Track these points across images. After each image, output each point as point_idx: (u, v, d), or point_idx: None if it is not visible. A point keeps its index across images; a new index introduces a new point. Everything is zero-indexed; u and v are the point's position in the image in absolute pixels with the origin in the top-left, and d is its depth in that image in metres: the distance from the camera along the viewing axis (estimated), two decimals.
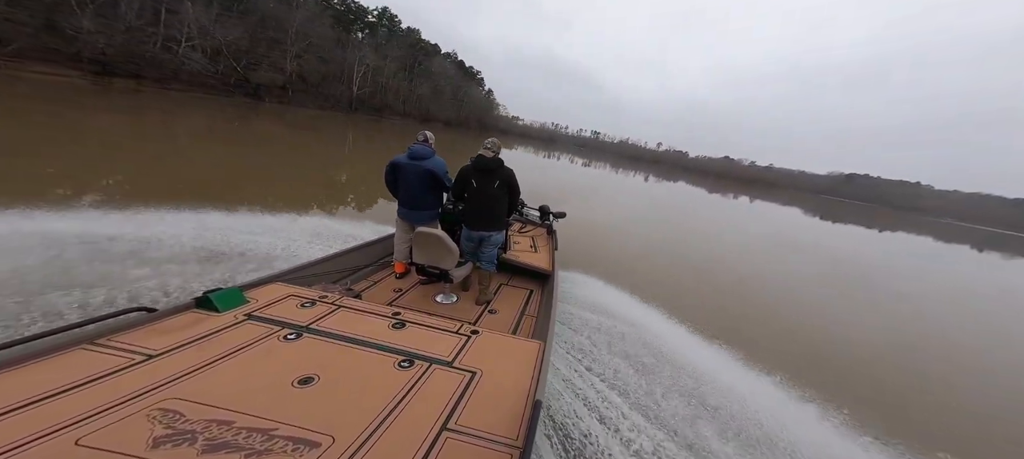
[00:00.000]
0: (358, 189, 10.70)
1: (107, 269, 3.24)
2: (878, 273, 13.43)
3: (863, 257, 17.00)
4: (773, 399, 3.59)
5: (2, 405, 1.24)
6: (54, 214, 4.11)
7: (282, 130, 20.38)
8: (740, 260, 11.02)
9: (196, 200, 5.42)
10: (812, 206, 54.83)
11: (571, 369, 3.15)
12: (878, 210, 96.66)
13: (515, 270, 4.15)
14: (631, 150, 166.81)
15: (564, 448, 2.40)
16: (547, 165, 35.11)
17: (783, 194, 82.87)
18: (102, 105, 16.40)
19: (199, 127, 16.33)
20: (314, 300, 2.33)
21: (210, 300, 2.02)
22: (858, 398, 4.10)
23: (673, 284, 7.37)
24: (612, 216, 14.34)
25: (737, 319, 6.15)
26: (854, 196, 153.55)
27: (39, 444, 1.14)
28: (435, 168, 3.29)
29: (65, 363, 1.48)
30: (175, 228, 4.25)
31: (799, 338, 5.89)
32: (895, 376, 5.21)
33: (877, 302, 9.20)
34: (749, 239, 15.71)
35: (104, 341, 1.64)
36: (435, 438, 1.40)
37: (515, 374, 1.87)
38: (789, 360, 4.67)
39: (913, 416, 4.20)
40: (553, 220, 5.48)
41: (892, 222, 51.17)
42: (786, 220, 28.05)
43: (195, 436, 1.25)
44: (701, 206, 27.15)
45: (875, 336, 6.72)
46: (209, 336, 1.81)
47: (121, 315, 1.76)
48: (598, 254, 7.98)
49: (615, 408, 2.77)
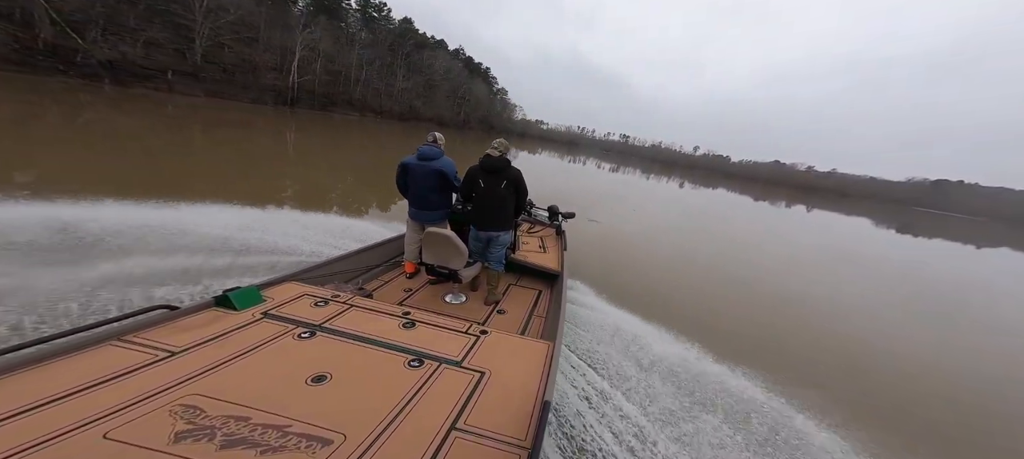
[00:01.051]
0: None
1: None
2: (978, 296, 11.29)
3: (961, 279, 14.01)
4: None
5: (35, 400, 1.30)
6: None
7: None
8: (825, 297, 8.36)
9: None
10: (883, 216, 47.46)
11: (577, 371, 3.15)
12: (974, 221, 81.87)
13: (524, 270, 4.16)
14: (664, 154, 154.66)
15: (568, 449, 2.40)
16: (568, 171, 31.72)
17: (849, 204, 71.03)
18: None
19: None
20: (327, 299, 2.38)
21: (229, 299, 2.09)
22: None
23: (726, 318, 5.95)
24: (642, 226, 12.86)
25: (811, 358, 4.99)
26: (941, 206, 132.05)
27: (68, 438, 1.20)
28: (444, 168, 3.33)
29: (94, 359, 1.55)
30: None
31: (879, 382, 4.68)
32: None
33: (980, 336, 7.34)
34: (822, 258, 13.26)
35: (130, 338, 1.71)
36: (444, 437, 1.42)
37: (524, 375, 1.89)
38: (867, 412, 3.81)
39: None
40: (562, 220, 5.48)
41: (997, 236, 42.84)
42: (857, 233, 23.74)
43: (214, 432, 1.30)
44: (747, 217, 23.32)
45: (983, 387, 5.02)
46: (228, 334, 1.87)
47: (146, 313, 1.83)
48: (625, 276, 6.78)
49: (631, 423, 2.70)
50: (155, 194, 5.38)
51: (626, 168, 55.07)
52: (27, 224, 3.55)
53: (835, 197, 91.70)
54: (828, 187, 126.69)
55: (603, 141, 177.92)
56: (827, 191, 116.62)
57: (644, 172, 53.30)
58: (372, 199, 9.43)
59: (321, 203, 7.89)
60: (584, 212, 10.11)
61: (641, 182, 35.32)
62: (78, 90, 19.92)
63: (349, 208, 8.17)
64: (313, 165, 12.24)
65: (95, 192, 4.92)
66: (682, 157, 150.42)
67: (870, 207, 72.33)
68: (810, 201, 54.53)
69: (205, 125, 17.23)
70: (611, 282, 5.99)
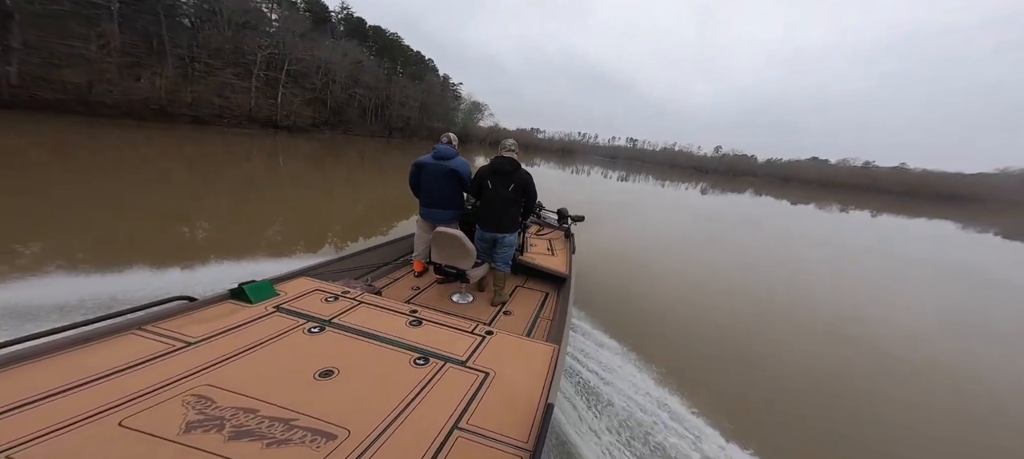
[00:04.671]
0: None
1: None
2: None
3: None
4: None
5: (56, 386, 1.37)
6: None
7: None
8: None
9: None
10: (991, 222, 32.74)
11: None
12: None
13: (531, 272, 4.16)
14: (680, 158, 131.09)
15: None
16: (573, 183, 26.00)
17: (918, 204, 52.06)
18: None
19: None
20: (338, 295, 2.43)
21: (244, 291, 2.15)
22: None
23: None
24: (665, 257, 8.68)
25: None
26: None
27: (86, 425, 1.25)
28: (458, 167, 3.36)
29: (116, 347, 1.62)
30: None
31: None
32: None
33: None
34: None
35: (151, 327, 1.78)
36: (446, 437, 1.43)
37: (528, 376, 1.89)
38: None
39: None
40: (571, 224, 5.46)
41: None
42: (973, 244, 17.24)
43: (223, 422, 1.33)
44: (800, 228, 17.67)
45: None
46: (241, 326, 1.92)
47: (166, 303, 1.90)
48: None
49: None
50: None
51: (637, 176, 45.76)
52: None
53: (898, 197, 71.52)
54: (909, 186, 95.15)
55: (607, 147, 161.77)
56: (879, 190, 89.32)
57: (658, 179, 44.62)
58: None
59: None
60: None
61: (652, 190, 28.90)
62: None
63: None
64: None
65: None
66: (698, 159, 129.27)
67: (955, 209, 48.70)
68: (875, 204, 41.14)
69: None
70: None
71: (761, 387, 3.82)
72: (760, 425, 3.13)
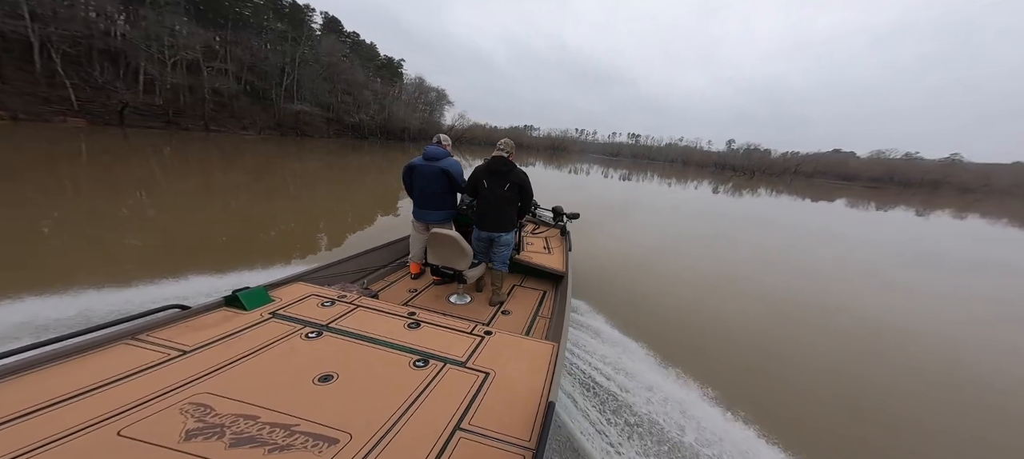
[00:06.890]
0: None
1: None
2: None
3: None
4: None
5: (52, 397, 1.34)
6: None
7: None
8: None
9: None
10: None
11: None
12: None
13: (528, 271, 4.17)
14: (694, 155, 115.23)
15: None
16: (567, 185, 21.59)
17: (966, 201, 45.07)
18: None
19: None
20: (334, 299, 2.41)
21: (238, 299, 2.13)
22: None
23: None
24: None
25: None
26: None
27: (84, 435, 1.23)
28: (449, 168, 3.36)
29: (109, 358, 1.59)
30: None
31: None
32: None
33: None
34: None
35: (144, 337, 1.75)
36: (449, 438, 1.43)
37: (528, 375, 1.89)
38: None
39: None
40: (567, 221, 5.48)
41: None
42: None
43: (223, 430, 1.32)
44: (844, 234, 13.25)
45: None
46: (237, 333, 1.90)
47: (158, 312, 1.87)
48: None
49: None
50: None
51: (642, 175, 40.33)
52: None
53: (950, 193, 64.98)
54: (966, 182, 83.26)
55: (607, 144, 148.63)
56: (924, 184, 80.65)
57: (662, 178, 39.58)
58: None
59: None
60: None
61: (650, 189, 25.23)
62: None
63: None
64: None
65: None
66: (700, 153, 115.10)
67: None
68: (927, 203, 36.11)
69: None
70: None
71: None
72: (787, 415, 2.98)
